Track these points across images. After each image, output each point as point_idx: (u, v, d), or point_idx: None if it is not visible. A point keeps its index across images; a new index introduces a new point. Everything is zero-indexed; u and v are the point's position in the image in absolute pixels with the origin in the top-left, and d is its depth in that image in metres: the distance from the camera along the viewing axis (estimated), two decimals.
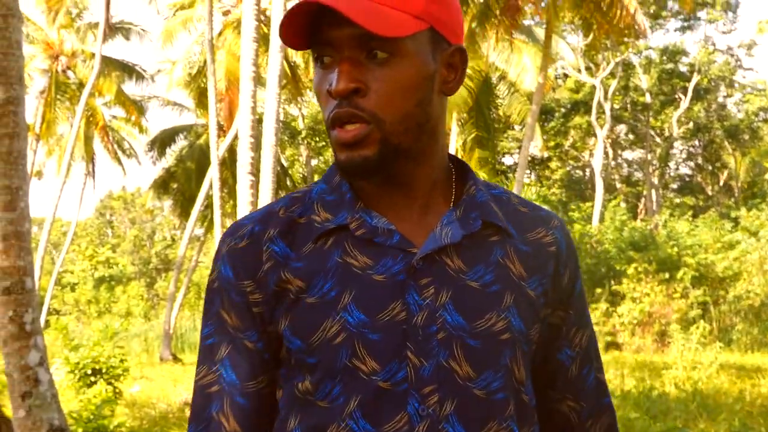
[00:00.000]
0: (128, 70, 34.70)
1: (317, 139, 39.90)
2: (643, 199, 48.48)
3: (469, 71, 25.14)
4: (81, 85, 32.70)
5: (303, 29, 1.37)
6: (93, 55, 31.38)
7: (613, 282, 27.31)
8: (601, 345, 24.33)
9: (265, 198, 14.13)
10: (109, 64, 32.76)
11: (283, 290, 1.41)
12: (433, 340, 1.38)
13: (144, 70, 35.09)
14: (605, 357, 21.22)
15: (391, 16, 1.34)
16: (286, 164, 40.97)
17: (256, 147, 14.01)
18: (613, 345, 25.21)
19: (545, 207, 1.63)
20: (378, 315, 1.37)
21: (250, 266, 1.43)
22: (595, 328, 25.23)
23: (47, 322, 30.13)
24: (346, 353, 1.36)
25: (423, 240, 1.42)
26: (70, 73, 33.80)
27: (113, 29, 32.83)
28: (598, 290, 27.23)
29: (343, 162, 1.39)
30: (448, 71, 1.48)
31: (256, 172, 13.70)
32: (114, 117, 38.76)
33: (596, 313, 25.75)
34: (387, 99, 1.36)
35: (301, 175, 44.21)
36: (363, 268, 1.39)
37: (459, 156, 28.25)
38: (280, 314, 1.42)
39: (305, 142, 40.65)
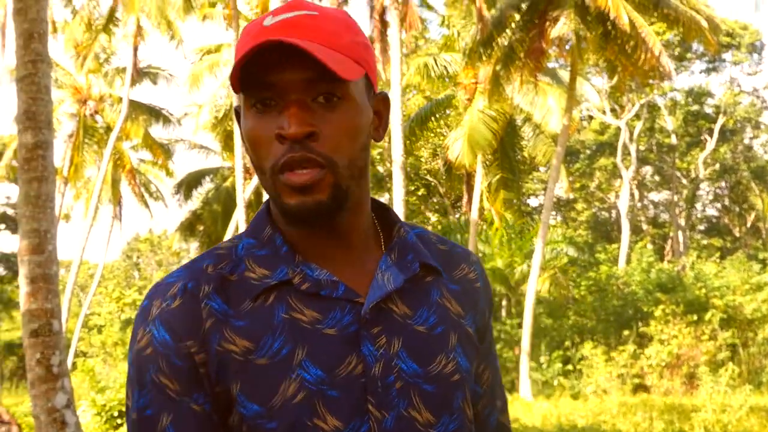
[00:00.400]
0: (155, 113, 34.98)
1: None
2: (669, 241, 48.21)
3: (493, 113, 25.24)
4: (108, 129, 32.99)
5: (237, 71, 1.31)
6: (120, 99, 31.68)
7: (640, 324, 27.12)
8: (628, 387, 24.12)
9: None
10: (136, 108, 33.06)
11: (227, 351, 1.32)
12: (392, 391, 1.34)
13: (171, 114, 35.37)
14: (633, 399, 20.99)
15: (343, 60, 1.33)
16: None
17: None
18: (641, 387, 24.96)
19: (460, 244, 1.62)
20: (335, 370, 1.32)
21: (189, 325, 1.32)
22: (623, 370, 25.15)
23: (74, 364, 30.17)
24: (307, 413, 1.30)
25: (365, 288, 1.39)
26: (98, 117, 34.08)
27: (140, 74, 33.15)
28: (626, 332, 27.04)
29: (294, 207, 1.33)
30: (377, 117, 1.46)
31: None
32: (141, 160, 39.03)
33: (624, 355, 25.53)
34: (338, 143, 1.33)
35: None
36: (312, 323, 1.34)
37: (485, 197, 28.31)
38: (228, 377, 1.32)
39: None
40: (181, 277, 1.36)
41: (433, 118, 28.95)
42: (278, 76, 1.30)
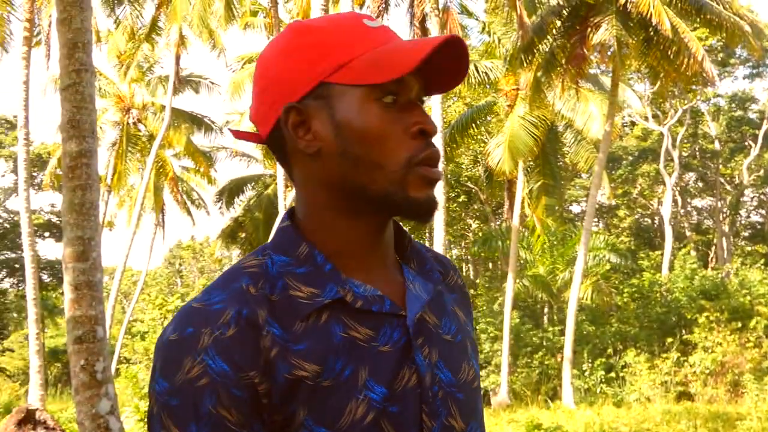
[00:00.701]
0: (197, 121, 35.24)
1: None
2: (713, 248, 47.74)
3: (534, 119, 25.18)
4: (151, 137, 33.27)
5: (417, 61, 1.33)
6: (163, 107, 31.93)
7: (684, 331, 26.89)
8: (672, 395, 23.92)
9: None
10: (178, 116, 33.33)
11: (297, 377, 1.27)
12: (437, 400, 1.36)
13: (213, 122, 35.62)
14: (677, 407, 20.81)
15: None
16: None
17: None
18: (684, 395, 24.74)
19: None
20: (394, 385, 1.32)
21: (249, 356, 1.26)
22: (666, 378, 24.94)
23: (117, 370, 30.42)
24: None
25: (400, 299, 1.40)
26: (140, 125, 34.39)
27: (183, 82, 33.41)
28: (669, 339, 26.83)
29: (425, 200, 1.35)
30: None
31: None
32: (183, 168, 39.31)
33: (667, 362, 25.33)
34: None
35: None
36: (367, 341, 1.33)
37: (526, 204, 28.21)
38: (296, 403, 1.28)
39: None
40: (228, 302, 1.30)
41: (473, 125, 28.90)
42: (413, 75, 1.36)
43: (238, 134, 1.52)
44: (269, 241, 1.42)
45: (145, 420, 16.36)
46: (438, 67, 1.39)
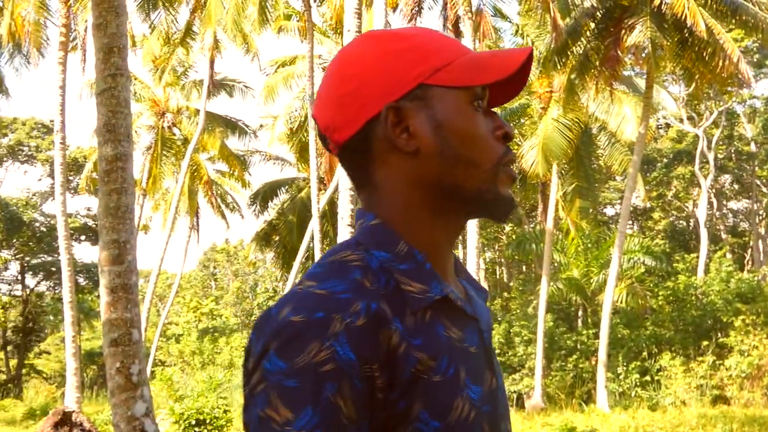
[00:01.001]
0: (231, 125, 35.42)
1: None
2: (749, 250, 47.34)
3: (568, 122, 25.09)
4: (186, 141, 33.47)
5: (507, 71, 1.41)
6: (197, 111, 32.12)
7: (719, 334, 26.68)
8: (708, 399, 23.74)
9: None
10: (213, 120, 33.49)
11: (418, 371, 1.28)
12: (501, 404, 1.42)
13: (247, 126, 35.79)
14: (712, 411, 20.65)
15: None
16: None
17: (356, 200, 14.11)
18: (720, 399, 24.54)
19: None
20: (485, 387, 1.37)
21: (375, 348, 1.26)
22: (702, 381, 24.75)
23: (153, 373, 30.62)
24: (477, 430, 1.32)
25: (470, 307, 1.43)
26: (175, 129, 34.62)
27: (217, 86, 33.59)
28: (705, 343, 26.63)
29: (510, 198, 1.42)
30: None
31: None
32: (218, 171, 39.49)
33: (703, 366, 25.15)
34: None
35: None
36: (460, 341, 1.36)
37: (560, 206, 28.10)
38: (413, 398, 1.28)
39: None
40: (353, 293, 1.29)
41: None
42: (494, 84, 1.45)
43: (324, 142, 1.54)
44: (352, 238, 1.42)
45: (179, 422, 16.49)
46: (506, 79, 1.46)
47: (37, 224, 47.09)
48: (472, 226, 19.44)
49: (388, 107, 1.37)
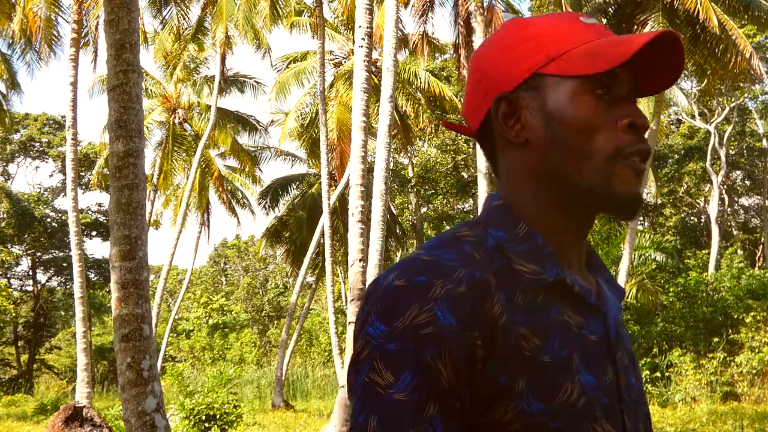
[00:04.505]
0: (242, 121, 35.46)
1: (426, 187, 40.01)
2: (761, 247, 47.19)
3: None
4: (197, 137, 33.51)
5: (631, 52, 1.34)
6: (209, 107, 32.16)
7: (730, 331, 26.62)
8: (718, 395, 23.70)
9: (375, 246, 14.20)
10: (224, 116, 33.54)
11: (519, 346, 1.27)
12: (630, 402, 1.39)
13: (258, 122, 35.82)
14: (723, 408, 20.62)
15: None
16: (395, 212, 41.12)
17: (367, 196, 14.11)
18: (731, 395, 24.49)
19: None
20: (601, 378, 1.34)
21: (478, 316, 1.25)
22: (712, 378, 24.72)
23: (163, 368, 30.71)
24: (589, 417, 1.29)
25: (598, 300, 1.42)
26: (186, 125, 34.65)
27: (228, 82, 33.64)
28: (715, 339, 26.58)
29: (629, 195, 1.36)
30: None
31: (366, 220, 13.78)
32: (228, 168, 39.53)
33: (713, 362, 25.10)
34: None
35: (410, 223, 44.32)
36: (578, 327, 1.34)
37: None
38: (511, 373, 1.26)
39: (415, 190, 40.78)
40: (459, 261, 1.29)
41: None
42: (627, 70, 1.38)
43: (450, 125, 1.58)
44: (476, 217, 1.44)
45: (190, 417, 16.51)
46: (651, 65, 1.41)
47: (49, 220, 47.24)
48: None
49: (498, 98, 1.39)
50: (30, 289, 48.73)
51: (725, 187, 45.29)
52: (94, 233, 48.21)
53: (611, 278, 1.51)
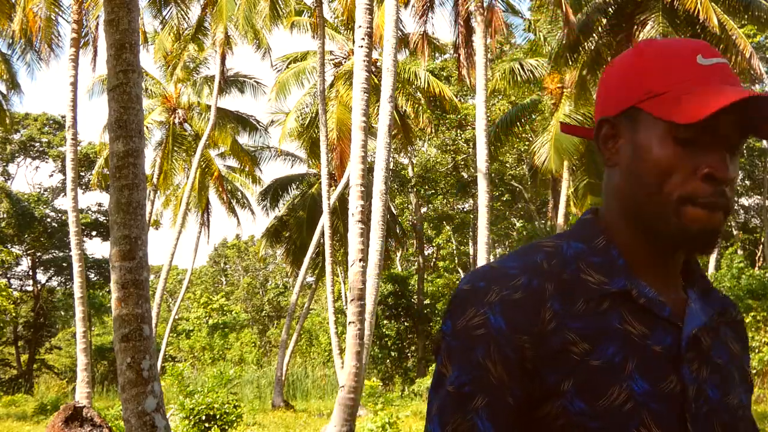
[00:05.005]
0: (242, 121, 35.44)
1: (426, 187, 40.02)
2: (761, 247, 47.17)
3: (580, 118, 25.04)
4: (197, 137, 33.50)
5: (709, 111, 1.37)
6: (209, 107, 32.14)
7: None
8: None
9: (375, 245, 14.19)
10: (224, 116, 33.52)
11: (566, 350, 1.38)
12: (701, 414, 1.42)
13: (258, 122, 35.79)
14: None
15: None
16: (395, 212, 41.11)
17: (367, 196, 14.09)
18: None
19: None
20: (660, 385, 1.39)
21: (528, 321, 1.38)
22: None
23: (163, 368, 30.69)
24: (635, 422, 1.36)
25: (680, 313, 1.46)
26: (186, 125, 34.63)
27: (228, 82, 33.62)
28: None
29: (696, 231, 1.41)
30: None
31: (366, 220, 13.76)
32: (229, 168, 39.51)
33: None
34: (733, 189, 1.43)
35: (410, 223, 44.33)
36: (641, 337, 1.41)
37: (571, 203, 28.03)
38: (559, 374, 1.37)
39: (414, 190, 40.79)
40: (521, 270, 1.42)
41: (518, 123, 28.81)
42: (723, 118, 1.39)
43: (570, 129, 1.73)
44: (569, 228, 1.56)
45: (190, 417, 16.52)
46: (755, 111, 1.42)
47: (49, 220, 47.22)
48: (482, 221, 19.35)
49: (600, 120, 1.50)
50: (30, 289, 48.73)
51: None
52: (94, 233, 48.19)
53: (714, 292, 1.57)
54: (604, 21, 22.92)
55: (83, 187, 44.83)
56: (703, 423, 1.41)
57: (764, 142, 44.90)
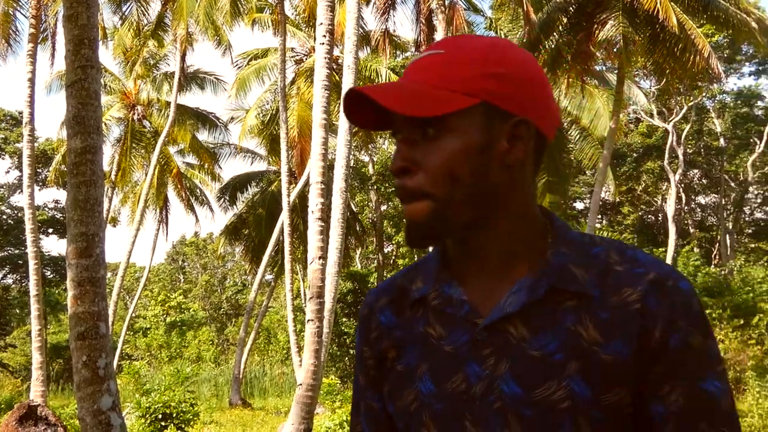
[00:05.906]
0: (202, 118, 35.25)
1: (387, 184, 40.04)
2: (717, 245, 47.69)
3: None
4: (156, 134, 33.27)
5: (368, 109, 1.46)
6: (168, 104, 31.94)
7: None
8: None
9: (335, 243, 14.17)
10: (183, 112, 33.32)
11: (385, 358, 1.54)
12: (490, 410, 1.38)
13: (217, 119, 35.61)
14: None
15: (430, 96, 1.37)
16: (356, 210, 41.10)
17: (327, 193, 14.07)
18: None
19: (659, 262, 1.44)
20: (444, 385, 1.42)
21: (366, 333, 1.59)
22: None
23: (120, 366, 30.46)
24: (417, 422, 1.45)
25: (490, 307, 1.42)
26: (145, 121, 34.40)
27: (188, 79, 33.42)
28: None
29: (406, 231, 1.45)
30: (510, 142, 1.42)
31: (326, 217, 13.76)
32: (188, 164, 39.29)
33: None
34: (435, 173, 1.39)
35: (370, 221, 44.33)
36: (438, 339, 1.45)
37: None
38: (385, 380, 1.54)
39: (375, 187, 40.80)
40: (378, 289, 1.62)
41: None
42: (393, 115, 1.45)
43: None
44: None
45: (146, 415, 16.42)
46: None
47: (4, 217, 46.64)
48: None
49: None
50: None
51: (683, 185, 45.70)
52: (50, 230, 47.66)
53: (557, 276, 1.42)
54: (565, 20, 23.01)
55: (40, 183, 44.33)
56: (495, 419, 1.37)
57: (721, 140, 45.45)
